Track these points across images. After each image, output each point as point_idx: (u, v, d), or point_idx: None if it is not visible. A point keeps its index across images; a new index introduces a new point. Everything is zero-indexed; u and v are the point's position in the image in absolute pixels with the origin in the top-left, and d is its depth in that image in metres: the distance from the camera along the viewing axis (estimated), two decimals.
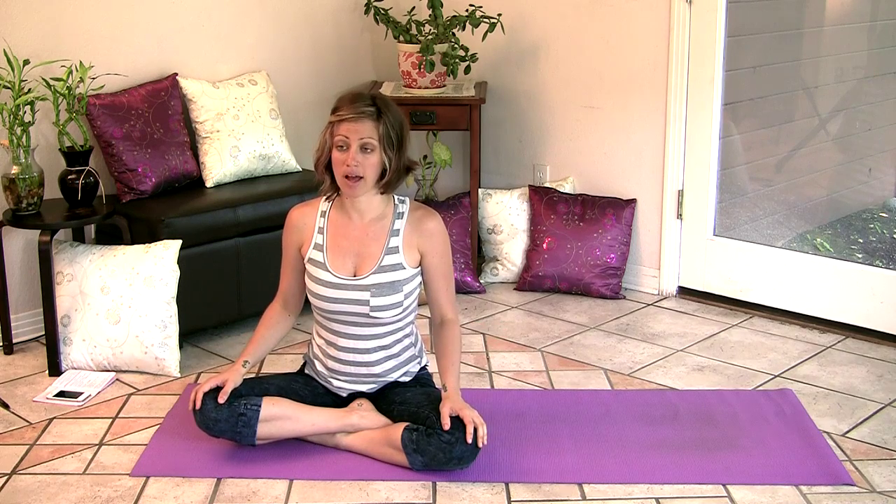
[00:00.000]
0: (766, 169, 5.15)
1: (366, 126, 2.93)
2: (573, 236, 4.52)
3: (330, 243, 3.08)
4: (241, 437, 3.02)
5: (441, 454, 2.91)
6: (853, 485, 2.94)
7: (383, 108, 2.96)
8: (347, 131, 2.93)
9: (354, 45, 4.98)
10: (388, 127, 2.95)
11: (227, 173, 4.21)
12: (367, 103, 2.95)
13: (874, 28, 5.16)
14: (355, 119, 2.93)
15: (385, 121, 2.95)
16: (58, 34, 3.95)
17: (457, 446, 2.90)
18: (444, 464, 2.93)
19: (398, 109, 3.03)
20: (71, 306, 3.70)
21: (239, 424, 3.00)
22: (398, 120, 2.99)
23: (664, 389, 3.59)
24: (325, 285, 3.06)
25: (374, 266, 3.04)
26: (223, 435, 3.03)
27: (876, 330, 4.00)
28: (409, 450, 2.94)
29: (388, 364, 3.14)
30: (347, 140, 2.94)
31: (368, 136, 2.93)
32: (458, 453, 2.91)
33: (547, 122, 4.81)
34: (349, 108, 2.94)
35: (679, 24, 4.29)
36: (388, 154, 2.96)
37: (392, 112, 2.99)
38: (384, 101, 3.00)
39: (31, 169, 3.69)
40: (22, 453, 3.14)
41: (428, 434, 2.93)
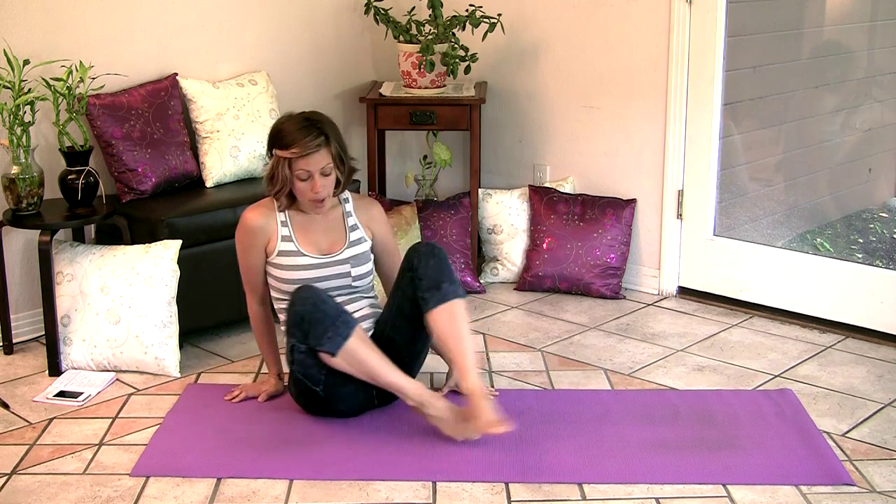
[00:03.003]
0: (766, 169, 5.15)
1: (321, 155, 3.23)
2: (573, 236, 4.52)
3: (297, 233, 3.36)
4: (335, 331, 3.07)
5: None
6: (853, 485, 2.94)
7: (328, 131, 3.24)
8: (307, 165, 3.22)
9: (354, 45, 4.98)
10: (336, 146, 3.26)
11: (227, 173, 4.21)
12: (315, 134, 3.21)
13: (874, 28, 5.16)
14: (310, 154, 3.21)
15: (333, 142, 3.25)
16: (58, 34, 3.95)
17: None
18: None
19: (328, 118, 3.30)
20: (71, 306, 3.70)
21: (339, 320, 3.08)
22: (337, 132, 3.29)
23: (664, 389, 3.59)
24: (304, 269, 3.31)
25: (345, 242, 3.38)
26: (321, 322, 3.07)
27: (876, 330, 4.00)
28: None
29: (365, 325, 3.33)
30: (309, 172, 3.23)
31: (326, 164, 3.24)
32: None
33: (547, 122, 4.81)
34: (302, 146, 3.19)
35: (679, 24, 4.29)
36: (340, 169, 3.29)
37: (332, 128, 3.27)
38: (322, 121, 3.26)
39: (31, 169, 3.69)
40: (22, 453, 3.14)
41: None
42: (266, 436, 3.21)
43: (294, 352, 3.15)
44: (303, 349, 3.13)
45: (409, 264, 3.28)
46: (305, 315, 3.10)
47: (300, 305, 3.12)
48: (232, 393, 3.48)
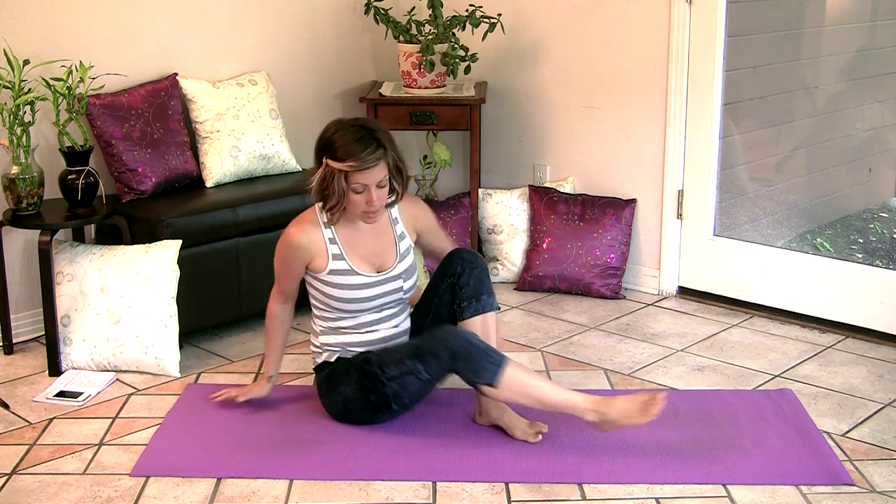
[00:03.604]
0: (766, 169, 5.15)
1: (379, 169, 3.08)
2: (573, 236, 4.52)
3: (347, 251, 3.21)
4: (489, 362, 3.00)
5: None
6: (853, 485, 2.94)
7: (385, 142, 3.09)
8: (364, 179, 3.07)
9: (354, 45, 4.98)
10: (393, 159, 3.11)
11: (227, 173, 4.21)
12: (373, 147, 3.05)
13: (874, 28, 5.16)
14: (370, 168, 3.06)
15: (390, 154, 3.10)
16: (58, 34, 3.95)
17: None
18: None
19: (381, 126, 3.15)
20: (71, 306, 3.70)
21: (491, 352, 3.02)
22: (392, 141, 3.13)
23: (664, 389, 3.58)
24: (359, 288, 3.20)
25: (396, 256, 3.26)
26: (475, 356, 3.00)
27: (876, 330, 4.00)
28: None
29: (406, 324, 3.36)
30: (366, 185, 3.08)
31: (382, 177, 3.10)
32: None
33: (547, 122, 4.81)
34: (360, 159, 3.04)
35: (679, 24, 4.29)
36: (397, 180, 3.17)
37: (388, 138, 3.11)
38: (380, 131, 3.10)
39: (31, 169, 3.69)
40: (22, 453, 3.14)
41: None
42: (266, 436, 3.21)
43: (405, 375, 3.09)
44: (425, 377, 3.08)
45: (450, 270, 3.25)
46: (459, 350, 3.01)
47: (453, 341, 3.03)
48: (216, 393, 3.43)
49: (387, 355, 3.14)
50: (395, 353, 3.13)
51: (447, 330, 3.10)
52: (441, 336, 3.07)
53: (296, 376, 3.67)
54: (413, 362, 3.07)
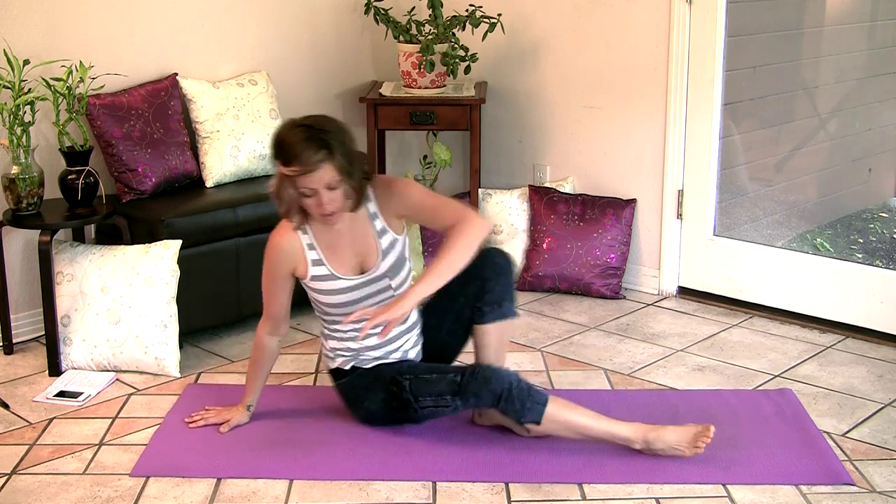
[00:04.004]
0: (766, 169, 5.15)
1: (325, 171, 2.88)
2: (573, 236, 4.52)
3: (327, 255, 3.09)
4: (532, 401, 2.98)
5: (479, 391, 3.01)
6: (853, 485, 2.94)
7: (332, 142, 2.89)
8: (310, 182, 2.90)
9: (354, 45, 4.98)
10: (340, 157, 2.90)
11: (227, 173, 4.21)
12: (316, 148, 2.87)
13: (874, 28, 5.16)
14: (313, 171, 2.88)
15: (337, 155, 2.89)
16: (58, 34, 3.95)
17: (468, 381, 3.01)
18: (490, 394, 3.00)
19: (336, 124, 2.96)
20: (71, 306, 3.70)
21: (532, 390, 2.99)
22: (343, 140, 2.93)
23: (664, 389, 3.59)
24: (343, 292, 3.10)
25: (378, 255, 3.09)
26: (518, 397, 2.97)
27: (876, 330, 4.00)
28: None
29: (412, 318, 3.22)
30: (314, 188, 2.91)
31: (330, 178, 2.90)
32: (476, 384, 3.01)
33: (547, 122, 4.81)
34: (302, 163, 2.87)
35: (679, 24, 4.29)
36: (349, 180, 2.94)
37: (337, 137, 2.91)
38: (328, 130, 2.91)
39: (31, 169, 3.69)
40: (22, 453, 3.14)
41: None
42: (266, 436, 3.21)
43: (441, 407, 3.06)
44: (460, 409, 3.06)
45: (479, 272, 3.13)
46: (502, 393, 2.97)
47: (496, 384, 2.97)
48: (192, 417, 3.31)
49: (422, 385, 3.07)
50: (433, 386, 3.05)
51: (489, 371, 3.01)
52: (484, 377, 3.00)
53: (295, 376, 3.67)
54: (452, 399, 3.04)
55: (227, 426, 3.25)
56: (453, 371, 3.07)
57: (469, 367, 3.07)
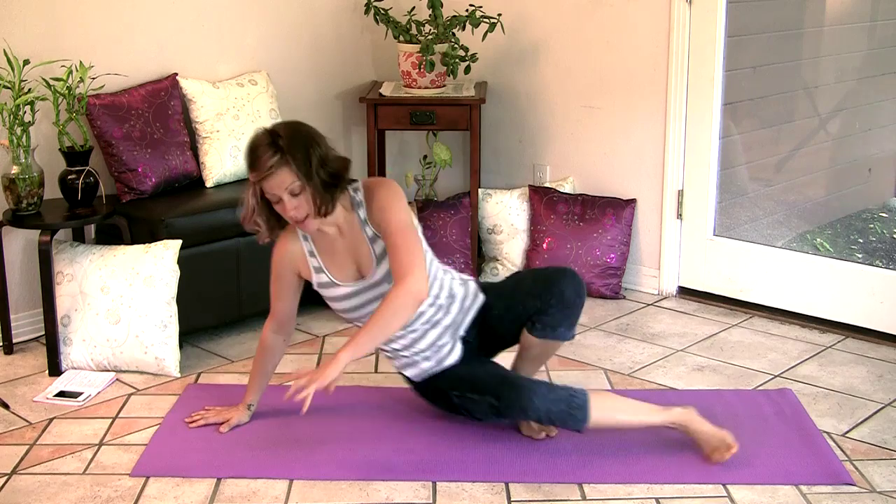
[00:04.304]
0: (766, 169, 5.15)
1: (282, 175, 2.84)
2: (573, 236, 4.52)
3: (326, 262, 3.08)
4: (572, 413, 2.98)
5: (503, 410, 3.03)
6: (853, 485, 2.94)
7: (286, 146, 2.84)
8: (271, 188, 2.87)
9: (354, 45, 4.98)
10: (299, 162, 2.84)
11: (227, 173, 4.21)
12: (270, 153, 2.83)
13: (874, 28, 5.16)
14: (269, 176, 2.85)
15: (293, 159, 2.84)
16: (58, 34, 3.95)
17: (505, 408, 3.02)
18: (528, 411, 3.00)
19: (302, 129, 2.91)
20: (71, 306, 3.70)
21: (573, 401, 2.98)
22: (304, 144, 2.87)
23: (664, 389, 3.59)
24: (346, 298, 3.09)
25: (373, 260, 3.04)
26: (559, 412, 2.97)
27: (876, 330, 4.00)
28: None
29: (433, 333, 3.14)
30: (276, 194, 2.87)
31: (290, 183, 2.85)
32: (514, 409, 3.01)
33: (547, 122, 4.81)
34: (258, 169, 2.85)
35: (679, 24, 4.29)
36: (312, 184, 2.86)
37: (297, 141, 2.86)
38: (283, 135, 2.86)
39: (31, 169, 3.69)
40: (22, 453, 3.14)
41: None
42: (266, 436, 3.21)
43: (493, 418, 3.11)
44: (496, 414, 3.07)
45: (543, 295, 3.13)
46: (542, 417, 2.98)
47: (533, 413, 2.97)
48: (192, 417, 3.31)
49: (468, 403, 3.09)
50: (478, 405, 3.07)
51: (526, 401, 2.97)
52: (521, 408, 2.98)
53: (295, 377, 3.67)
54: (498, 418, 3.09)
55: (228, 426, 3.25)
56: (490, 394, 3.04)
57: (506, 389, 3.03)
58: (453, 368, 3.16)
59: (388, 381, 3.62)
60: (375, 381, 3.67)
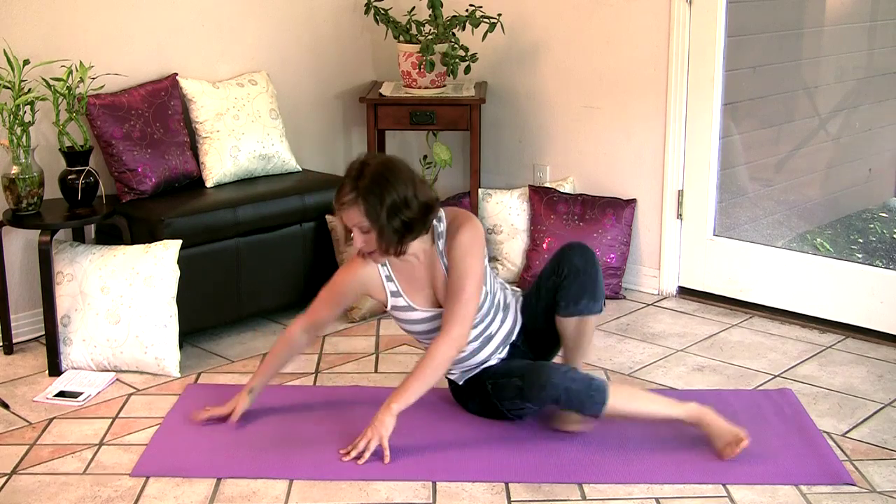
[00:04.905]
0: (766, 169, 5.15)
1: (352, 213, 2.95)
2: (573, 236, 4.52)
3: (405, 286, 3.16)
4: (591, 399, 3.02)
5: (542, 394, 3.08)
6: (853, 485, 2.94)
7: (361, 188, 2.92)
8: (345, 220, 3.00)
9: (354, 45, 4.98)
10: (371, 205, 2.92)
11: (227, 173, 4.21)
12: (348, 189, 2.94)
13: (874, 28, 5.16)
14: (342, 210, 2.97)
15: (365, 201, 2.92)
16: (58, 34, 3.95)
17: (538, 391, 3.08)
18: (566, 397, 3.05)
19: (383, 167, 2.97)
20: (71, 306, 3.70)
21: (591, 387, 3.02)
22: (379, 188, 2.93)
23: (664, 389, 3.59)
24: (420, 322, 3.19)
25: (440, 286, 3.13)
26: (577, 397, 3.02)
27: (876, 330, 4.00)
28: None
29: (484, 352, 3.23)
30: (348, 226, 3.01)
31: (358, 222, 2.96)
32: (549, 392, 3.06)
33: (547, 122, 4.81)
34: (336, 199, 2.98)
35: (679, 24, 4.29)
36: (379, 228, 2.95)
37: (375, 183, 2.93)
38: (366, 174, 2.94)
39: (31, 169, 3.69)
40: (22, 453, 3.14)
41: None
42: (266, 436, 3.21)
43: (521, 409, 3.17)
44: (532, 409, 3.16)
45: (557, 269, 3.24)
46: (559, 398, 3.03)
47: (551, 391, 3.02)
48: (197, 413, 3.31)
49: (499, 390, 3.18)
50: (506, 391, 3.16)
51: (544, 378, 3.04)
52: (539, 385, 3.05)
53: (295, 376, 3.67)
54: (523, 402, 3.14)
55: (236, 414, 3.26)
56: (518, 375, 3.13)
57: (529, 369, 3.12)
58: (495, 364, 3.26)
59: (388, 381, 3.63)
60: (375, 381, 3.67)
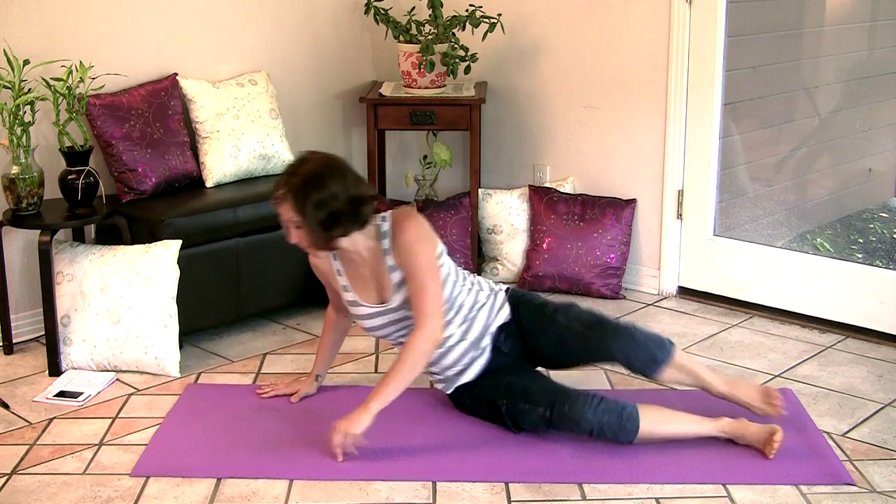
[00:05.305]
0: (766, 169, 5.15)
1: (284, 208, 3.01)
2: (573, 236, 4.52)
3: (353, 283, 3.20)
4: (622, 427, 3.04)
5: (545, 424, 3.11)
6: (853, 485, 2.94)
7: (294, 184, 2.96)
8: (280, 215, 3.04)
9: (354, 45, 4.98)
10: (297, 202, 2.96)
11: (227, 173, 4.21)
12: (280, 184, 2.99)
13: (874, 28, 5.16)
14: (276, 206, 3.02)
15: (294, 198, 2.97)
16: (58, 34, 3.95)
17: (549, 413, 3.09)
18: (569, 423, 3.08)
19: (317, 165, 2.99)
20: (71, 306, 3.70)
21: (624, 413, 3.04)
22: (308, 185, 2.96)
23: (664, 389, 3.58)
24: (369, 318, 3.21)
25: (391, 288, 3.14)
26: (611, 425, 3.04)
27: (876, 330, 4.00)
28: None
29: (445, 360, 3.22)
30: (283, 221, 3.05)
31: (289, 217, 3.01)
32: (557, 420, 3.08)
33: (547, 122, 4.81)
34: (273, 194, 3.03)
35: (679, 24, 4.29)
36: (307, 224, 2.98)
37: (305, 180, 2.96)
38: (298, 172, 2.98)
39: (31, 169, 3.69)
40: (22, 453, 3.14)
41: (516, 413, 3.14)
42: (266, 436, 3.21)
43: (534, 428, 3.14)
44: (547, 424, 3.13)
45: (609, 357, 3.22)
46: (591, 431, 3.04)
47: (586, 426, 3.04)
48: (263, 388, 3.50)
49: (517, 413, 3.14)
50: (527, 416, 3.13)
51: (577, 414, 3.04)
52: (574, 420, 3.05)
53: (295, 377, 3.67)
54: (548, 429, 3.13)
55: (297, 396, 3.43)
56: (543, 404, 3.10)
57: (559, 401, 3.08)
58: (500, 376, 3.21)
59: None
60: (375, 381, 3.66)
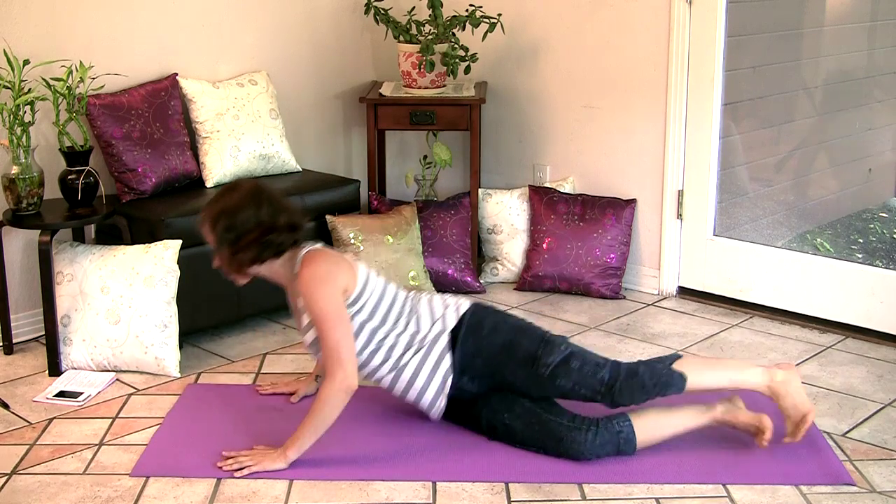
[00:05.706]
0: (766, 169, 5.15)
1: (205, 233, 3.08)
2: (573, 236, 4.52)
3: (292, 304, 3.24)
4: (623, 454, 3.06)
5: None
6: (853, 485, 2.94)
7: (209, 212, 3.04)
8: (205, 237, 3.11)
9: (354, 45, 4.98)
10: (207, 228, 3.05)
11: (227, 173, 4.21)
12: (203, 212, 3.07)
13: (874, 28, 5.17)
14: (201, 231, 3.09)
15: (206, 221, 3.04)
16: (58, 34, 3.95)
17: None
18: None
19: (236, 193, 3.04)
20: (71, 306, 3.70)
21: (621, 444, 3.04)
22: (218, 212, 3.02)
23: None
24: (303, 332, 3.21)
25: (304, 327, 3.15)
26: (611, 441, 3.03)
27: (876, 330, 4.00)
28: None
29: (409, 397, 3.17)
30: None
31: (210, 241, 3.07)
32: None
33: (547, 122, 4.81)
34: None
35: (679, 24, 4.29)
36: (219, 249, 3.04)
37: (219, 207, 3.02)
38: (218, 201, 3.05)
39: (31, 169, 3.69)
40: (22, 453, 3.14)
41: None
42: (266, 436, 3.21)
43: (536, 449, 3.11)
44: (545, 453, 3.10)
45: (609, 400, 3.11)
46: (595, 459, 3.03)
47: (584, 459, 3.02)
48: (263, 385, 3.53)
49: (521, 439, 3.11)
50: (533, 444, 3.09)
51: (575, 452, 3.02)
52: (572, 455, 3.03)
53: (295, 377, 3.67)
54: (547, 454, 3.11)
55: (297, 396, 3.44)
56: (543, 436, 3.07)
57: (555, 436, 3.05)
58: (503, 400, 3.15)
59: None
60: None
